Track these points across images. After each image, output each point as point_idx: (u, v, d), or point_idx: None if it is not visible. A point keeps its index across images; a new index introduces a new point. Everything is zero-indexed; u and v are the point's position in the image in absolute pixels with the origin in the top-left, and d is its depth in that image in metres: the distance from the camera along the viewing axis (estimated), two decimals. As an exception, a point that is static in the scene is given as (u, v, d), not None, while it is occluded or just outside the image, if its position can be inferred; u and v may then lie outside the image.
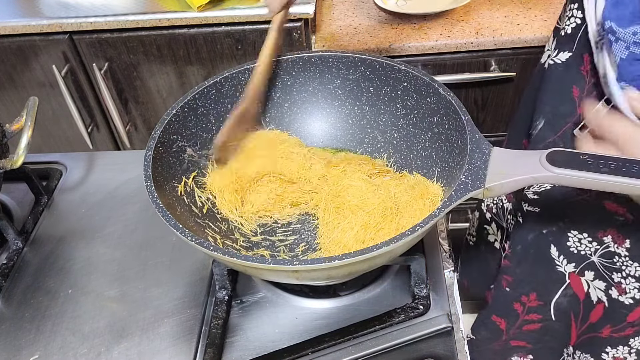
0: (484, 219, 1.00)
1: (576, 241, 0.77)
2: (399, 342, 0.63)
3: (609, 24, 0.54)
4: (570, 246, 0.78)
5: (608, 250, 0.75)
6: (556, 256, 0.80)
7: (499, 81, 1.17)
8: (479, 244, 1.02)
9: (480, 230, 1.01)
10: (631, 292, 0.75)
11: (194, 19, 1.12)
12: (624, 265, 0.74)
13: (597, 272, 0.78)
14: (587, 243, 0.76)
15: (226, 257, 0.53)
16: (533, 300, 0.87)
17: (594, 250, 0.76)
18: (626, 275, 0.75)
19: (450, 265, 0.71)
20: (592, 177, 0.51)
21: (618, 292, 0.77)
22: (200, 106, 0.71)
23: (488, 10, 1.19)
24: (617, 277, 0.76)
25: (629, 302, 0.76)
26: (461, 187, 0.55)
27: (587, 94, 0.68)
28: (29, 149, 0.71)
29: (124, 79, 1.24)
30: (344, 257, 0.51)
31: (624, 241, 0.72)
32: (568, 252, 0.79)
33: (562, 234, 0.78)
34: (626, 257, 0.74)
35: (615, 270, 0.76)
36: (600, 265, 0.77)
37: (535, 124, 0.76)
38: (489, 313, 0.95)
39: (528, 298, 0.87)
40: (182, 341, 0.65)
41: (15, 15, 1.16)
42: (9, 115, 1.29)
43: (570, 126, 0.70)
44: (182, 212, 0.65)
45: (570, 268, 0.80)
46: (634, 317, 0.77)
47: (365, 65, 0.73)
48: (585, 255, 0.78)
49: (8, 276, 0.74)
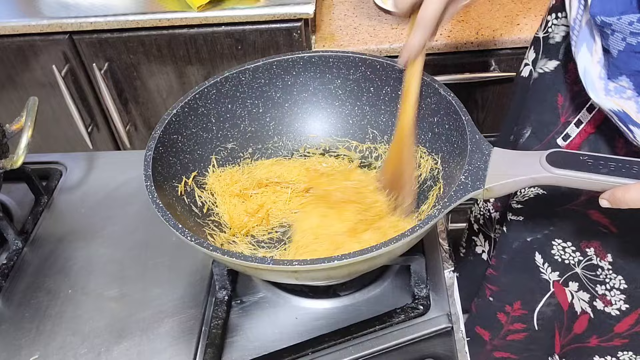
0: (472, 231, 0.99)
1: (560, 249, 0.76)
2: (399, 342, 0.63)
3: (600, 19, 0.54)
4: (554, 254, 0.77)
5: (591, 262, 0.74)
6: (541, 263, 0.80)
7: (499, 81, 1.17)
8: (468, 254, 1.01)
9: (468, 242, 1.01)
10: (617, 303, 0.74)
11: (194, 19, 1.12)
12: (608, 278, 0.74)
13: (581, 284, 0.77)
14: (571, 252, 0.75)
15: (226, 257, 0.53)
16: (517, 309, 0.87)
17: (578, 261, 0.76)
18: (610, 287, 0.74)
19: (450, 265, 0.71)
20: (592, 177, 0.51)
21: (603, 304, 0.76)
22: (201, 106, 0.71)
23: (488, 10, 1.19)
24: (601, 289, 0.75)
25: (616, 313, 0.75)
26: (461, 187, 0.55)
27: (571, 102, 0.68)
28: (29, 149, 0.71)
29: (124, 79, 1.24)
30: (344, 257, 0.51)
31: (606, 255, 0.72)
32: (552, 260, 0.78)
33: (547, 241, 0.77)
34: (609, 270, 0.73)
35: (599, 283, 0.75)
36: (584, 277, 0.76)
37: (522, 133, 0.76)
38: (473, 324, 0.95)
39: (512, 307, 0.87)
40: (182, 341, 0.65)
41: (15, 15, 1.16)
42: (9, 115, 1.29)
43: (553, 135, 0.70)
44: (182, 212, 0.65)
45: (555, 276, 0.80)
46: (622, 328, 0.76)
47: (366, 65, 0.73)
48: (569, 265, 0.77)
49: (8, 276, 0.74)
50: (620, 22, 0.52)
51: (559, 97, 0.69)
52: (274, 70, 0.74)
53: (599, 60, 0.57)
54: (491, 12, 1.18)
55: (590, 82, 0.58)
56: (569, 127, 0.68)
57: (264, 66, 0.74)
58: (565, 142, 0.68)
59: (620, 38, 0.53)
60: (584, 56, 0.59)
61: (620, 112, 0.56)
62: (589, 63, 0.58)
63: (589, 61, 0.58)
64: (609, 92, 0.57)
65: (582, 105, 0.66)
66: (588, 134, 0.66)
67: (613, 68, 0.56)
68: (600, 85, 0.58)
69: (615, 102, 0.57)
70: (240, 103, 0.75)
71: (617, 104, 0.56)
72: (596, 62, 0.58)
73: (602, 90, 0.57)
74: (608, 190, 0.51)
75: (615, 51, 0.55)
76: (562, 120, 0.69)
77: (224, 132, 0.74)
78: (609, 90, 0.57)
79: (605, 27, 0.54)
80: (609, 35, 0.54)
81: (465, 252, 1.03)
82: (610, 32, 0.54)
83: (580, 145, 0.67)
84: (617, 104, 0.56)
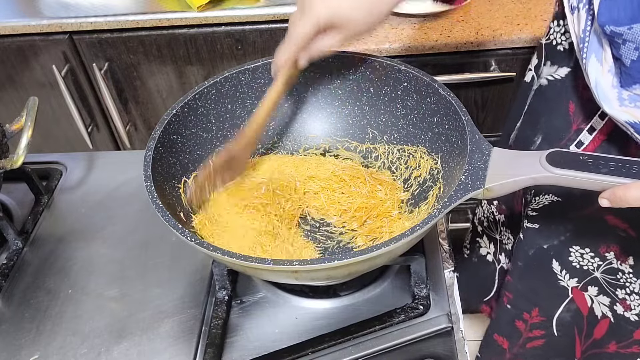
0: (476, 232, 0.99)
1: (578, 256, 0.76)
2: (399, 342, 0.63)
3: (609, 28, 0.54)
4: (572, 261, 0.77)
5: (611, 266, 0.74)
6: (558, 270, 0.79)
7: (499, 81, 1.17)
8: (472, 256, 1.01)
9: (472, 243, 1.01)
10: (636, 308, 0.74)
11: (194, 19, 1.12)
12: (628, 282, 0.73)
13: (601, 288, 0.77)
14: (590, 258, 0.75)
15: (226, 257, 0.53)
16: (535, 316, 0.86)
17: (597, 266, 0.75)
18: (630, 291, 0.74)
19: (450, 265, 0.71)
20: (592, 177, 0.51)
21: (623, 308, 0.76)
22: (200, 106, 0.71)
23: (488, 10, 1.19)
24: (622, 293, 0.75)
25: (635, 318, 0.75)
26: (461, 187, 0.55)
27: (582, 109, 0.68)
28: (29, 149, 0.71)
29: (124, 79, 1.24)
30: (344, 257, 0.51)
31: (627, 258, 0.71)
32: (570, 267, 0.78)
33: (563, 248, 0.77)
34: (630, 274, 0.72)
35: (619, 287, 0.75)
36: (604, 281, 0.76)
37: (534, 140, 0.76)
38: (492, 332, 0.95)
39: (530, 315, 0.86)
40: (182, 341, 0.65)
41: (15, 15, 1.16)
42: (9, 115, 1.29)
43: (566, 142, 0.70)
44: (182, 212, 0.65)
45: (573, 283, 0.79)
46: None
47: (365, 65, 0.73)
48: (587, 270, 0.77)
49: (8, 276, 0.74)
50: (632, 32, 0.52)
51: (570, 105, 0.69)
52: (273, 70, 0.74)
53: (609, 69, 0.57)
54: (491, 12, 1.18)
55: (602, 94, 0.58)
56: (581, 134, 0.67)
57: (264, 66, 0.74)
58: (578, 150, 0.68)
59: (632, 47, 0.53)
60: (594, 66, 0.58)
61: (636, 124, 0.56)
62: (599, 74, 0.58)
63: (599, 72, 0.58)
64: (622, 102, 0.57)
65: (594, 112, 0.65)
66: (601, 140, 0.66)
67: (626, 77, 0.56)
68: (614, 94, 0.57)
69: (630, 114, 0.56)
70: (240, 103, 0.75)
71: (633, 114, 0.56)
72: (607, 72, 0.57)
73: (616, 100, 0.57)
74: (608, 189, 0.51)
75: (628, 60, 0.54)
76: (574, 127, 0.69)
77: (224, 132, 0.74)
78: (623, 100, 0.57)
79: (616, 37, 0.54)
80: (621, 45, 0.54)
81: (470, 253, 1.03)
82: (621, 42, 0.54)
83: (594, 152, 0.67)
84: (632, 115, 0.56)
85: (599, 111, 0.64)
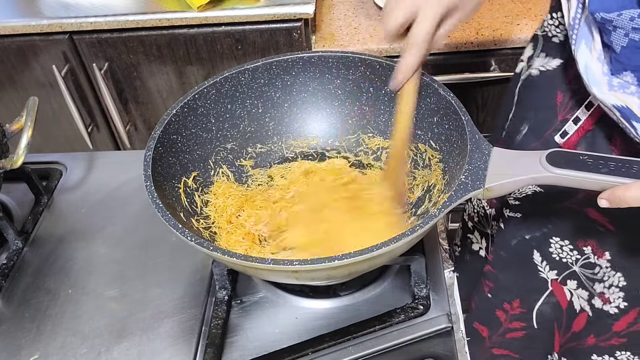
0: (466, 229, 0.99)
1: (558, 247, 0.76)
2: (399, 342, 0.63)
3: (599, 15, 0.54)
4: (552, 252, 0.77)
5: (589, 261, 0.74)
6: (539, 262, 0.79)
7: (499, 81, 1.17)
8: (464, 253, 1.01)
9: (464, 240, 1.01)
10: (616, 301, 0.74)
11: (194, 19, 1.12)
12: (607, 276, 0.73)
13: (579, 282, 0.77)
14: (569, 250, 0.75)
15: (226, 257, 0.53)
16: (516, 308, 0.86)
17: (575, 260, 0.76)
18: (609, 285, 0.74)
19: (450, 265, 0.71)
20: (592, 177, 0.51)
21: (602, 302, 0.76)
22: (200, 106, 0.71)
23: (488, 10, 1.19)
24: (600, 287, 0.75)
25: (614, 311, 0.75)
26: (461, 187, 0.55)
27: (569, 100, 0.68)
28: (29, 149, 0.71)
29: (124, 79, 1.24)
30: (344, 257, 0.51)
31: (604, 253, 0.72)
32: (550, 258, 0.78)
33: (545, 239, 0.77)
34: (608, 268, 0.73)
35: (597, 281, 0.75)
36: (582, 275, 0.76)
37: (520, 129, 0.76)
38: (471, 319, 0.95)
39: (511, 305, 0.87)
40: (182, 341, 0.65)
41: (15, 15, 1.16)
42: (9, 115, 1.29)
43: (551, 132, 0.70)
44: (182, 212, 0.65)
45: (553, 275, 0.79)
46: (621, 326, 0.76)
47: (365, 65, 0.73)
48: (566, 263, 0.77)
49: (8, 276, 0.74)
50: (621, 18, 0.52)
51: (558, 95, 0.69)
52: (273, 70, 0.74)
53: (598, 56, 0.58)
54: (491, 12, 1.18)
55: (592, 78, 0.58)
56: (566, 124, 0.68)
57: (264, 66, 0.74)
58: (562, 140, 0.68)
59: (622, 34, 0.54)
60: (583, 53, 0.59)
61: (624, 108, 0.56)
62: (589, 60, 0.58)
63: (588, 58, 0.58)
64: (612, 88, 0.57)
65: (580, 103, 0.66)
66: (585, 131, 0.66)
67: (616, 64, 0.56)
68: (604, 81, 0.58)
69: (618, 98, 0.57)
70: (240, 103, 0.75)
71: (620, 99, 0.56)
72: (595, 59, 0.58)
73: (606, 86, 0.57)
74: (607, 189, 0.51)
75: (618, 47, 0.55)
76: (559, 117, 0.69)
77: (224, 132, 0.74)
78: (613, 86, 0.57)
79: (606, 24, 0.54)
80: (611, 32, 0.54)
81: (461, 250, 1.02)
82: (611, 29, 0.54)
83: (578, 142, 0.67)
84: (620, 99, 0.56)
85: (586, 101, 0.65)
